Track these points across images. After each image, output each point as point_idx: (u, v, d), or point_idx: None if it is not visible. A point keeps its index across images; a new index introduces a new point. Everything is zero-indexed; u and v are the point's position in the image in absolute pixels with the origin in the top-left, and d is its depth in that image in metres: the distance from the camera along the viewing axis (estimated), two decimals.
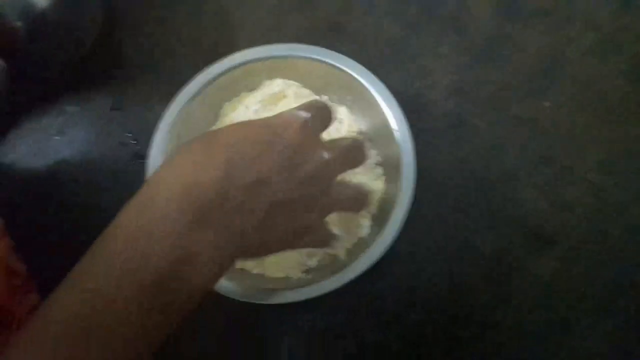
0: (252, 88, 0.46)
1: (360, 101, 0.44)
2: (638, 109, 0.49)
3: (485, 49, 0.51)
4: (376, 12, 0.53)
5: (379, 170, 0.44)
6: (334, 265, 0.42)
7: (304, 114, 0.32)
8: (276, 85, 0.46)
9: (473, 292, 0.45)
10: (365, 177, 0.44)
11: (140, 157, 0.47)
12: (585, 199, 0.46)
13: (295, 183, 0.30)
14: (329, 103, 0.39)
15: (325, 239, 0.36)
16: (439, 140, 0.49)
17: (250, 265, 0.43)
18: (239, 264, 0.43)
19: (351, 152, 0.35)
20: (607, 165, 0.47)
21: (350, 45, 0.52)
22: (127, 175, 0.49)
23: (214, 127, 0.45)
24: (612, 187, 0.47)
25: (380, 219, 0.42)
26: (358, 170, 0.43)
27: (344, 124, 0.45)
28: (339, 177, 0.34)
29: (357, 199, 0.36)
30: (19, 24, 0.43)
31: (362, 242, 0.42)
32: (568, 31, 0.51)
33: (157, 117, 0.42)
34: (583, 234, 0.46)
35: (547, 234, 0.46)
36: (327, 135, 0.35)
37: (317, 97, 0.46)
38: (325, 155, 0.32)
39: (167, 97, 0.43)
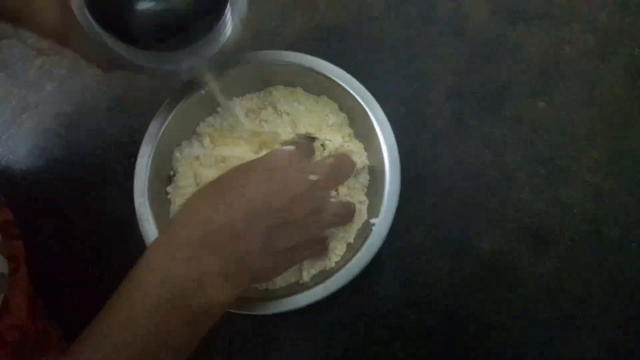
0: (244, 93, 0.46)
1: (354, 111, 0.44)
2: (634, 110, 0.49)
3: (483, 51, 0.51)
4: (376, 14, 0.53)
5: (365, 179, 0.44)
6: (324, 273, 0.42)
7: (288, 148, 0.37)
8: (275, 91, 0.45)
9: (471, 291, 0.45)
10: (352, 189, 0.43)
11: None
12: (582, 199, 0.47)
13: (290, 204, 0.34)
14: (308, 140, 0.43)
15: (323, 249, 0.41)
16: (438, 141, 0.49)
17: None
18: None
19: (337, 168, 0.39)
20: (604, 166, 0.47)
21: (349, 47, 0.52)
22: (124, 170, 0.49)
23: (198, 128, 0.46)
24: (609, 187, 0.47)
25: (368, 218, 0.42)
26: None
27: (339, 129, 0.45)
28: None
29: (345, 215, 0.40)
30: None
31: (350, 248, 0.42)
32: (566, 33, 0.51)
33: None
34: (581, 234, 0.46)
35: (545, 234, 0.46)
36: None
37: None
38: (313, 177, 0.36)
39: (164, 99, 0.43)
